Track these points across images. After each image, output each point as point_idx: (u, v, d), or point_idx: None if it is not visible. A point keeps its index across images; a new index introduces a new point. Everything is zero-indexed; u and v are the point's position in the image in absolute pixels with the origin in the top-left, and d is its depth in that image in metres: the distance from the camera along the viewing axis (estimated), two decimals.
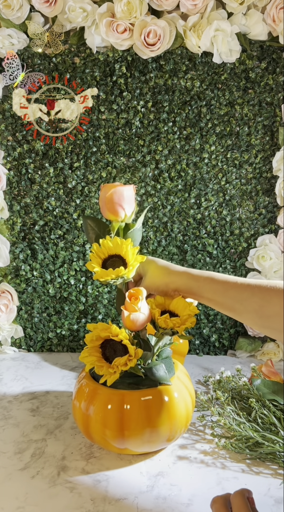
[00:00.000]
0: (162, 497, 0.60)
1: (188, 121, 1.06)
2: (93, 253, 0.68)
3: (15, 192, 1.09)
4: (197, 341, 1.13)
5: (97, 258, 0.68)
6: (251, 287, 0.60)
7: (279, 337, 0.59)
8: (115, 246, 0.68)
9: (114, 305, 1.13)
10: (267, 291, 0.58)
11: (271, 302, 0.57)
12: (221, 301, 0.63)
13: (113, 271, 0.64)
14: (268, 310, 0.57)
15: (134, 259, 0.67)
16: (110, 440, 0.66)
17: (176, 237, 1.10)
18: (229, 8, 0.99)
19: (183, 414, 0.68)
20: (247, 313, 0.60)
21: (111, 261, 0.68)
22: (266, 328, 0.59)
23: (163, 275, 0.69)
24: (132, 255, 0.66)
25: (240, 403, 0.81)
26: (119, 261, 0.67)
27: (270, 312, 0.57)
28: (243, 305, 0.60)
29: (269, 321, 0.58)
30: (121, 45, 1.01)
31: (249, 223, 1.11)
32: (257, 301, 0.58)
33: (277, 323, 0.57)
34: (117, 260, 0.68)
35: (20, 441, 0.73)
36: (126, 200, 0.68)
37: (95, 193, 1.08)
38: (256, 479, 0.65)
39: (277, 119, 1.06)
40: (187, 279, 0.66)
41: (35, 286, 1.12)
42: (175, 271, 0.68)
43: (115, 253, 0.68)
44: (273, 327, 0.58)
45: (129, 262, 0.66)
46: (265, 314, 0.58)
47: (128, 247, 0.66)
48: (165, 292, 0.69)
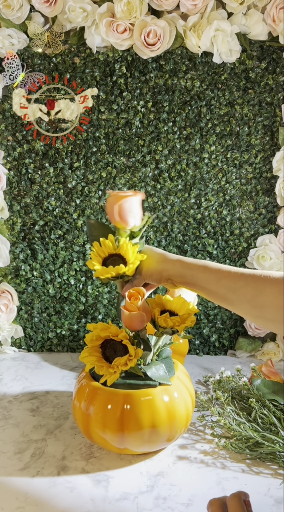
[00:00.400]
0: (162, 497, 0.60)
1: (188, 121, 1.06)
2: (94, 252, 0.68)
3: (15, 192, 1.09)
4: (197, 341, 1.13)
5: (98, 256, 0.68)
6: (245, 276, 0.59)
7: (272, 327, 0.58)
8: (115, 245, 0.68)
9: (115, 305, 1.13)
10: (261, 280, 0.57)
11: (264, 291, 0.56)
12: (214, 290, 0.61)
13: (113, 269, 0.64)
14: (261, 299, 0.56)
15: (134, 257, 0.67)
16: (110, 440, 0.66)
17: (176, 237, 1.10)
18: (229, 8, 0.99)
19: (183, 414, 0.68)
20: (240, 303, 0.59)
21: (111, 260, 0.68)
22: (259, 318, 0.58)
23: (157, 263, 0.67)
24: (132, 253, 0.66)
25: (240, 403, 0.81)
26: (120, 260, 0.67)
27: (264, 302, 0.56)
28: (236, 295, 0.59)
29: (262, 311, 0.57)
30: (121, 45, 1.01)
31: (249, 223, 1.11)
32: (251, 290, 0.57)
33: (271, 313, 0.56)
34: (118, 259, 0.68)
35: (20, 441, 0.73)
36: (136, 210, 0.69)
37: (95, 193, 1.08)
38: (256, 479, 0.65)
39: (277, 119, 1.06)
40: (180, 267, 0.65)
41: (35, 286, 1.11)
42: (169, 259, 0.67)
43: (116, 252, 0.68)
44: (266, 317, 0.57)
45: (129, 261, 0.66)
46: (259, 304, 0.57)
47: (128, 246, 0.66)
48: (159, 280, 0.67)
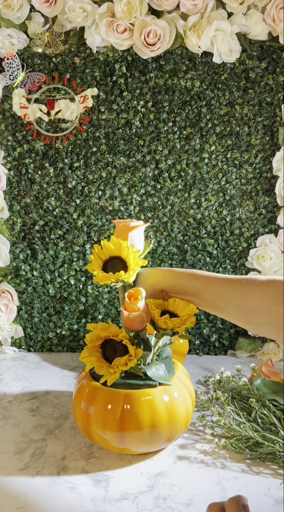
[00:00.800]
0: (162, 497, 0.60)
1: (188, 121, 1.06)
2: (94, 255, 0.68)
3: (15, 192, 1.09)
4: (197, 341, 1.13)
5: (98, 259, 0.68)
6: (231, 282, 0.59)
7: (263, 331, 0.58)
8: (117, 248, 0.68)
9: (114, 305, 1.13)
10: (246, 284, 0.57)
11: (250, 295, 0.56)
12: (204, 297, 0.62)
13: (113, 275, 0.64)
14: (248, 304, 0.56)
15: (135, 264, 0.67)
16: (110, 440, 0.66)
17: (176, 237, 1.10)
18: (229, 8, 0.99)
19: (183, 414, 0.68)
20: (229, 309, 0.59)
21: (112, 263, 0.68)
22: (249, 323, 0.58)
23: (149, 278, 0.68)
24: (133, 259, 0.66)
25: (240, 403, 0.81)
26: (120, 263, 0.67)
27: (251, 306, 0.56)
28: (224, 301, 0.59)
29: (250, 316, 0.57)
30: (121, 45, 1.01)
31: (249, 223, 1.11)
32: (238, 295, 0.57)
33: (259, 317, 0.56)
34: (118, 262, 0.68)
35: (20, 441, 0.73)
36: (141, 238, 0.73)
37: (95, 193, 1.08)
38: (256, 479, 0.65)
39: (277, 119, 1.06)
40: (170, 277, 0.66)
41: (35, 286, 1.12)
42: (160, 271, 0.68)
43: (116, 255, 0.68)
44: (256, 322, 0.57)
45: (130, 266, 0.66)
46: (246, 309, 0.57)
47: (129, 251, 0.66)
48: (153, 294, 0.68)
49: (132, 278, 0.67)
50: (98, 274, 0.66)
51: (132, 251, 0.67)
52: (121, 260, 0.67)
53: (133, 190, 1.08)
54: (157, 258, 1.11)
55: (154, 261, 1.11)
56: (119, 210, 1.09)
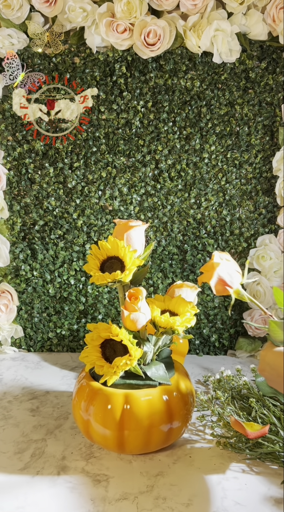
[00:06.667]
0: (162, 497, 0.60)
1: (188, 121, 1.06)
2: (92, 255, 0.68)
3: (15, 192, 1.09)
4: (197, 341, 1.13)
5: (96, 259, 0.68)
6: None
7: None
8: (114, 248, 0.68)
9: (114, 305, 1.13)
10: None
11: None
12: None
13: (109, 275, 0.65)
14: None
15: (132, 263, 0.67)
16: (110, 440, 0.66)
17: (176, 237, 1.10)
18: (229, 8, 0.99)
19: (183, 414, 0.68)
20: None
21: (109, 263, 0.68)
22: None
23: None
24: (130, 259, 0.66)
25: (240, 403, 0.81)
26: (118, 263, 0.68)
27: None
28: None
29: None
30: (121, 45, 1.01)
31: (249, 223, 1.11)
32: None
33: None
34: (116, 262, 0.68)
35: (20, 441, 0.73)
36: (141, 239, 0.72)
37: (95, 193, 1.08)
38: (256, 479, 0.65)
39: (277, 119, 1.06)
40: None
41: (35, 286, 1.11)
42: None
43: (114, 255, 0.68)
44: None
45: (127, 266, 0.66)
46: None
47: (126, 250, 0.66)
48: None
49: (128, 278, 0.67)
50: (94, 274, 0.66)
51: (129, 251, 0.67)
52: (119, 260, 0.67)
53: (133, 190, 1.08)
54: (157, 258, 1.11)
55: (154, 261, 1.11)
56: (119, 210, 1.09)
